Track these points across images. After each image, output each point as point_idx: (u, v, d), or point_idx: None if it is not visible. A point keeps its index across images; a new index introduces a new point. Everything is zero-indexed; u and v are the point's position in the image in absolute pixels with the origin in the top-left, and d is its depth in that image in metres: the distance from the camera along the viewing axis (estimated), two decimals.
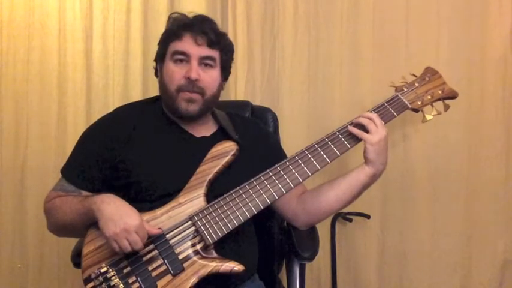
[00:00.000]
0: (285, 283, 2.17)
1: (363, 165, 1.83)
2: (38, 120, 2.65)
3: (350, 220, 2.66)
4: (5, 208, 2.69)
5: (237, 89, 2.66)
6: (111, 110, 2.00)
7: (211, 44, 1.84)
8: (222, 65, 1.89)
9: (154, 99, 1.99)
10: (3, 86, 2.64)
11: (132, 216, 1.61)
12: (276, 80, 2.69)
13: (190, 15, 1.90)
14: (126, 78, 2.66)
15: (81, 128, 1.99)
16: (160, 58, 1.90)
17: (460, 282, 2.75)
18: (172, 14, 1.95)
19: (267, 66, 2.69)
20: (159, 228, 1.67)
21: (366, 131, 1.80)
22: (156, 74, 1.97)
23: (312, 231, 2.05)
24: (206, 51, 1.83)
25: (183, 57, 1.82)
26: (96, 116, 2.02)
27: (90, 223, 1.69)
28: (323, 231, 2.62)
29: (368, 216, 2.67)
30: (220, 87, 1.92)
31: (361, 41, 2.67)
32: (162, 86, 1.87)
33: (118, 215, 1.60)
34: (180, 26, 1.86)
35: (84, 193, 1.80)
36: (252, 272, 1.91)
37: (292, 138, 2.59)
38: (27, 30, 2.63)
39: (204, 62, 1.84)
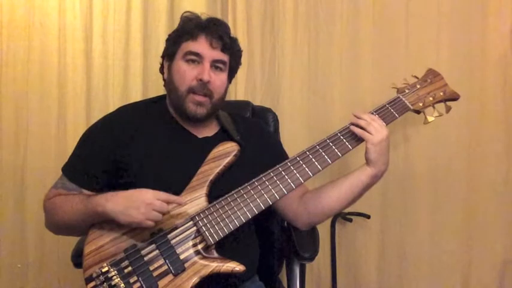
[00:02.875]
0: (285, 284, 2.17)
1: (365, 165, 1.82)
2: (38, 120, 2.65)
3: (350, 220, 2.67)
4: (5, 208, 2.69)
5: (237, 89, 2.66)
6: (111, 110, 1.99)
7: (224, 49, 1.83)
8: (230, 69, 1.90)
9: (157, 99, 1.99)
10: (3, 86, 2.64)
11: (141, 191, 1.64)
12: (276, 80, 2.70)
13: (204, 16, 1.89)
14: (126, 79, 2.67)
15: (81, 128, 1.99)
16: (169, 56, 1.88)
17: (460, 282, 2.75)
18: (185, 13, 1.92)
19: (267, 66, 2.70)
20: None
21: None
22: (161, 71, 1.95)
23: (312, 232, 2.06)
24: (219, 55, 1.82)
25: (196, 58, 1.81)
26: (96, 116, 2.02)
27: (92, 223, 1.70)
28: (323, 231, 2.62)
29: (368, 216, 2.67)
30: (227, 90, 1.92)
31: (361, 41, 2.68)
32: (171, 84, 1.86)
33: (131, 200, 1.62)
34: (196, 26, 1.83)
35: (85, 192, 1.81)
36: (253, 272, 1.91)
37: (293, 138, 2.59)
38: (27, 30, 2.63)
39: (215, 65, 1.83)
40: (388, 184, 2.67)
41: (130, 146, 1.81)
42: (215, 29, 1.82)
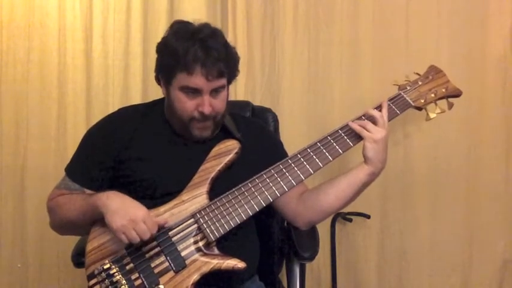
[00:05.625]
0: (285, 284, 2.17)
1: (362, 163, 1.81)
2: (38, 121, 2.65)
3: (350, 220, 2.67)
4: (5, 208, 2.68)
5: (237, 89, 2.66)
6: (111, 110, 2.01)
7: (221, 74, 1.74)
8: (229, 81, 1.83)
9: (157, 102, 1.98)
10: (3, 86, 2.64)
11: (138, 207, 1.63)
12: (276, 80, 2.70)
13: (196, 24, 1.78)
14: (126, 79, 2.66)
15: (81, 128, 2.00)
16: (165, 81, 1.80)
17: (460, 282, 2.76)
18: (175, 23, 1.82)
19: (267, 66, 2.70)
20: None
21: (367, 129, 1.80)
22: (157, 81, 1.88)
23: (312, 231, 2.05)
24: (217, 83, 1.74)
25: (194, 91, 1.74)
26: (96, 116, 2.03)
27: (94, 220, 1.71)
28: (323, 231, 2.62)
29: (368, 216, 2.67)
30: (228, 97, 1.87)
31: (361, 41, 2.68)
32: (171, 109, 1.81)
33: (124, 208, 1.62)
34: (190, 59, 1.69)
35: (88, 192, 1.81)
36: (253, 272, 1.91)
37: (292, 138, 2.57)
38: (27, 30, 2.62)
39: (214, 90, 1.76)
40: (388, 184, 2.68)
41: (130, 147, 1.82)
42: (210, 60, 1.70)
